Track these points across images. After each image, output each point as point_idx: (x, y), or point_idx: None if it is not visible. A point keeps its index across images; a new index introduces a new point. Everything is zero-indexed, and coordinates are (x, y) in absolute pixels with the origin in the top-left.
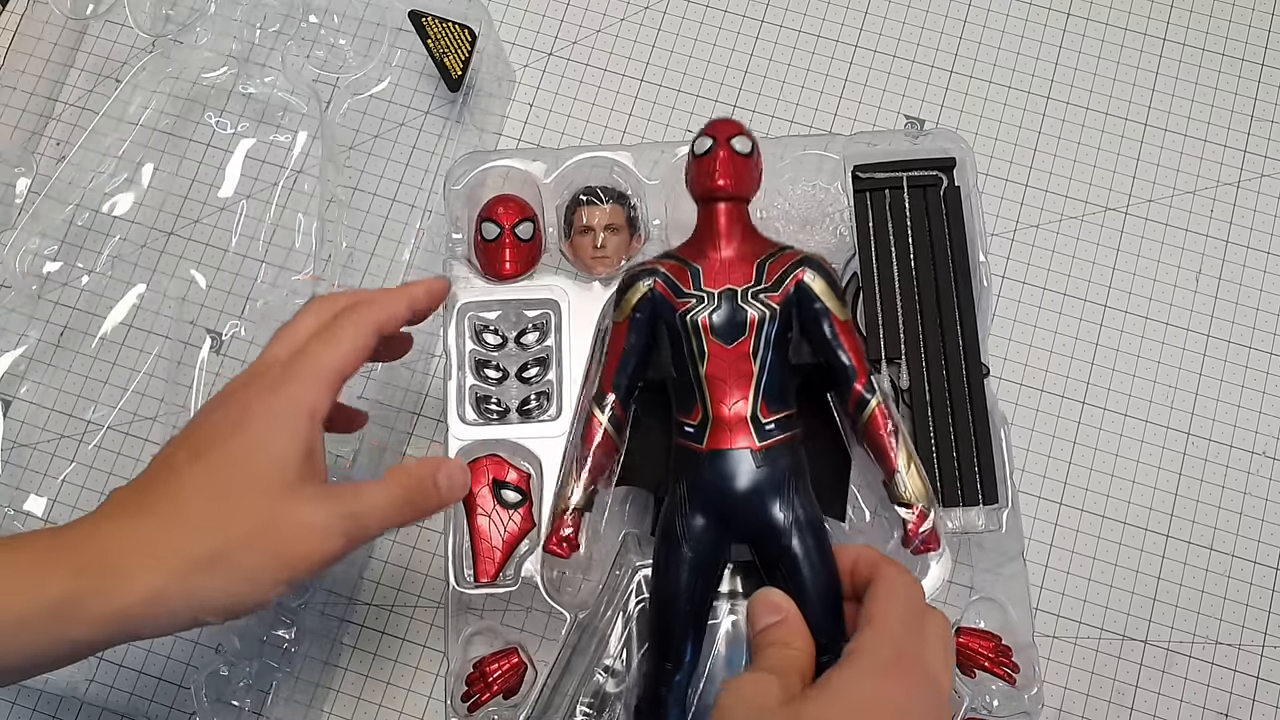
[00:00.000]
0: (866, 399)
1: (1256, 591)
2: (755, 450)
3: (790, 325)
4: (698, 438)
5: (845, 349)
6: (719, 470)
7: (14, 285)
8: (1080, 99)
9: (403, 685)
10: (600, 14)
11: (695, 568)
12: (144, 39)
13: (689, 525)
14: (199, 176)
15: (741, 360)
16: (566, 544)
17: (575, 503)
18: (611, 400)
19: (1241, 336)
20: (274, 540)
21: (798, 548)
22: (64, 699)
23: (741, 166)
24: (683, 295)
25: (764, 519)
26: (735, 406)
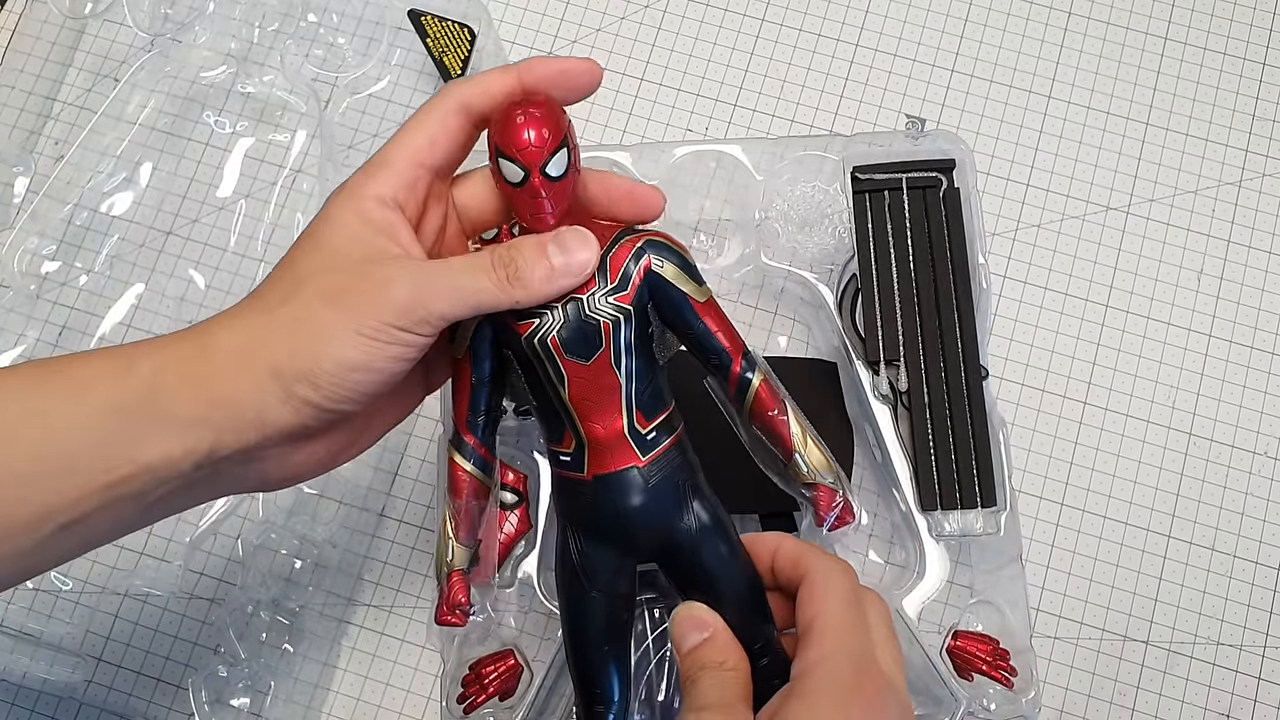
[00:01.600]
0: (748, 379)
1: (1258, 592)
2: (641, 466)
3: (649, 322)
4: (577, 466)
5: (713, 332)
6: (608, 496)
7: (12, 285)
8: (1080, 99)
9: (401, 686)
10: (600, 14)
11: (606, 605)
12: (143, 38)
13: (588, 562)
14: (198, 176)
15: (604, 374)
16: (460, 612)
17: (460, 563)
18: (471, 443)
19: (1243, 336)
20: (349, 295)
21: (708, 557)
22: (63, 699)
23: (562, 190)
24: (524, 317)
25: (666, 536)
26: (610, 425)
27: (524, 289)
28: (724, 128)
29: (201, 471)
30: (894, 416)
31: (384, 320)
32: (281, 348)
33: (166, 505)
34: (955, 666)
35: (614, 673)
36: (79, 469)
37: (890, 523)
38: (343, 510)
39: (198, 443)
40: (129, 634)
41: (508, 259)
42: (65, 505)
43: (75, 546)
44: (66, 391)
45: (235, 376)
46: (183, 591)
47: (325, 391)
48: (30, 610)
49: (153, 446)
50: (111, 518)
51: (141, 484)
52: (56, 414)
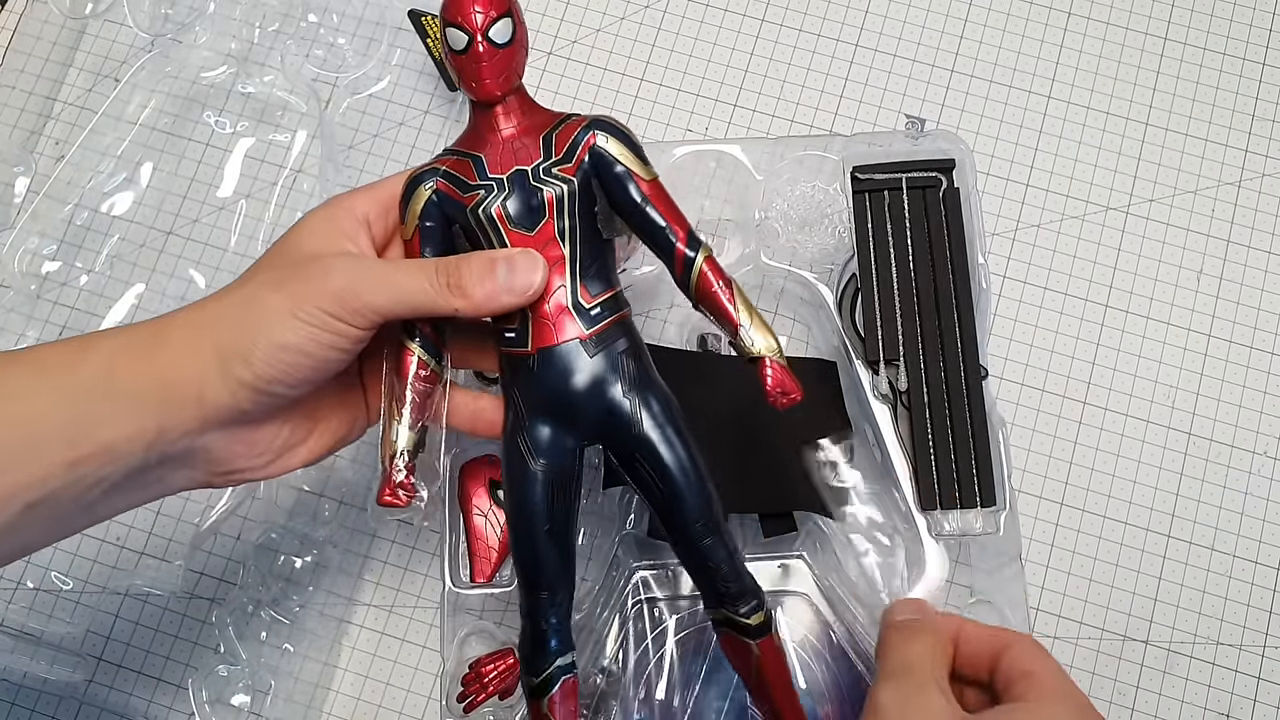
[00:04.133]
0: (692, 257)
1: (1258, 592)
2: (585, 339)
3: (593, 197)
4: (521, 341)
5: (657, 210)
6: (551, 369)
7: (13, 285)
8: (1080, 99)
9: (401, 686)
10: (600, 14)
11: (549, 482)
12: (143, 38)
13: (532, 437)
14: (198, 176)
15: (549, 246)
16: (403, 490)
17: (404, 445)
18: (421, 327)
19: (1243, 336)
20: (297, 281)
21: (651, 431)
22: (63, 699)
23: (506, 59)
24: (469, 189)
25: (609, 409)
26: (554, 297)
27: (464, 299)
28: (724, 128)
29: (153, 454)
30: (894, 416)
31: (319, 305)
32: (225, 327)
33: (125, 492)
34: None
35: (555, 557)
36: (43, 446)
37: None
38: (343, 510)
39: (145, 422)
40: (129, 634)
41: (453, 268)
42: (31, 482)
43: (42, 531)
44: (29, 372)
45: (181, 354)
46: (183, 591)
47: (257, 369)
48: (31, 610)
49: (110, 425)
50: (75, 499)
51: (100, 463)
52: (20, 393)
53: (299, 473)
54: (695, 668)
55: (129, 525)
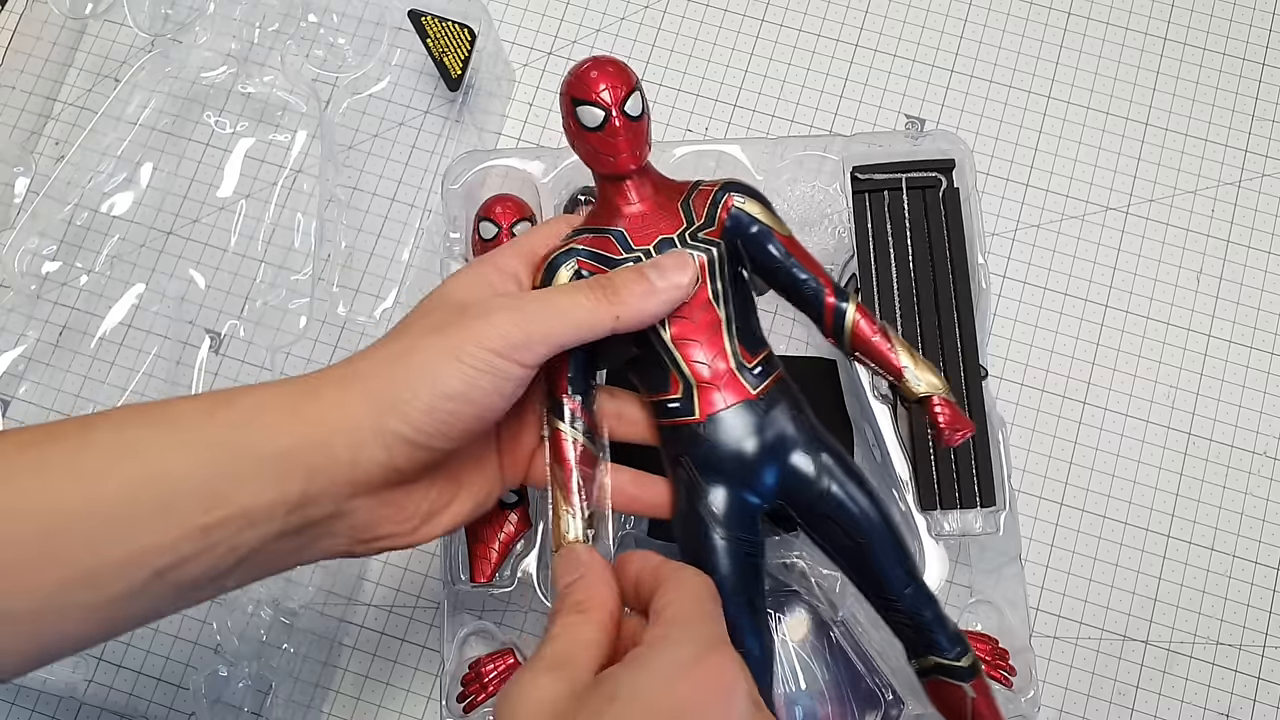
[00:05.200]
0: (843, 309)
1: (1257, 592)
2: (754, 400)
3: (740, 258)
4: (687, 410)
5: (801, 264)
6: (723, 434)
7: (13, 285)
8: (1080, 99)
9: (402, 686)
10: (600, 14)
11: (734, 550)
12: (143, 38)
13: (711, 505)
14: (198, 176)
15: (705, 311)
16: None
17: (579, 535)
18: (572, 408)
19: (1242, 336)
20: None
21: (836, 488)
22: (63, 699)
23: (640, 133)
24: (615, 264)
25: (789, 468)
26: (715, 363)
27: (623, 305)
28: (724, 128)
29: (294, 519)
30: (893, 416)
31: (484, 345)
32: (377, 380)
33: (259, 559)
34: None
35: (750, 627)
36: (175, 508)
37: None
38: None
39: (290, 485)
40: (129, 633)
41: (605, 281)
42: (161, 549)
43: (169, 598)
44: (162, 428)
45: (331, 411)
46: None
47: (417, 422)
48: None
49: (249, 488)
50: (208, 567)
51: (236, 528)
52: (154, 451)
53: None
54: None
55: None
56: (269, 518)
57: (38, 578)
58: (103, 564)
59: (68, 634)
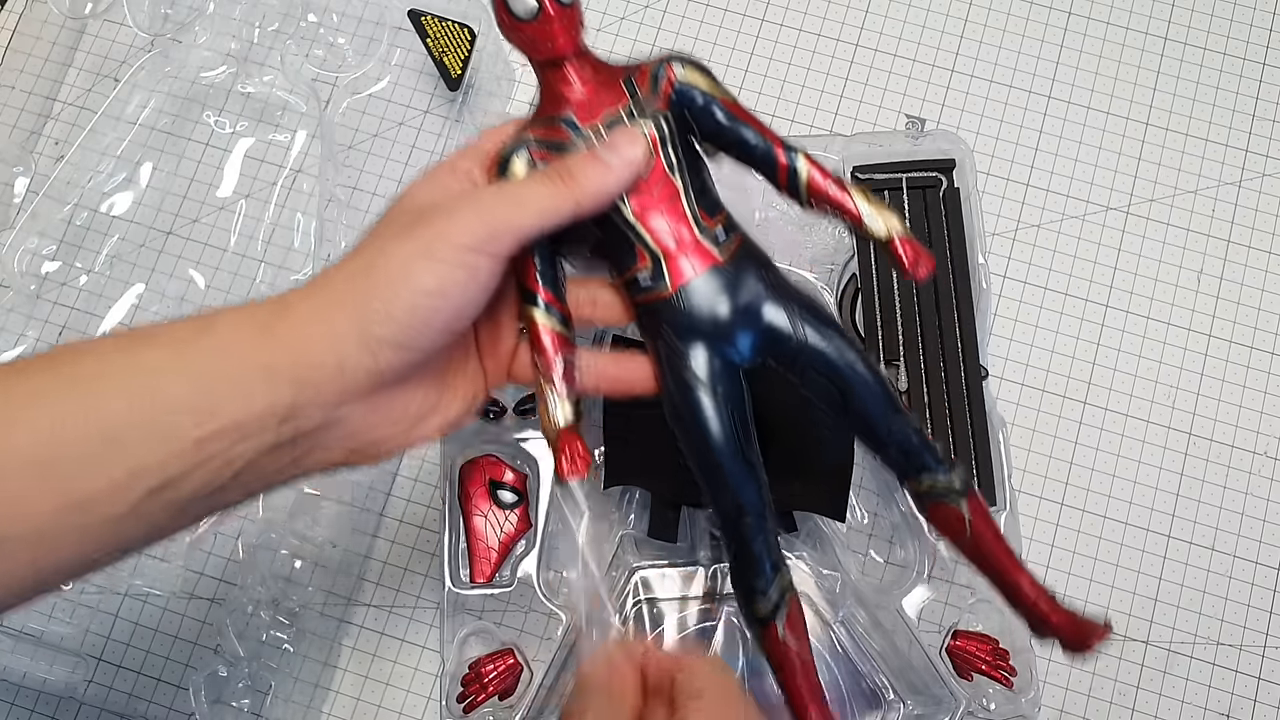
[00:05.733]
0: (796, 163)
1: (1258, 592)
2: (722, 265)
3: (688, 126)
4: (658, 283)
5: (748, 125)
6: (698, 301)
7: (12, 285)
8: (1080, 99)
9: (401, 686)
10: (600, 13)
11: (721, 409)
12: (143, 38)
13: (694, 367)
14: (198, 176)
15: (662, 183)
16: (580, 461)
17: (566, 417)
18: (544, 296)
19: (1243, 336)
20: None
21: (813, 338)
22: (63, 700)
23: (574, 17)
24: (567, 148)
25: (765, 326)
26: (679, 231)
27: (580, 188)
28: None
29: (286, 430)
30: None
31: (452, 242)
32: (354, 288)
33: (255, 474)
34: (955, 666)
35: (751, 478)
36: (167, 426)
37: (890, 523)
38: (343, 510)
39: (279, 397)
40: (129, 634)
41: (561, 168)
42: (153, 467)
43: (167, 517)
44: (151, 349)
45: (312, 325)
46: (183, 591)
47: (400, 323)
48: (30, 610)
49: (238, 400)
50: (202, 484)
51: (229, 442)
52: (143, 371)
53: None
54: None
55: None
56: (261, 429)
57: (35, 505)
58: (98, 486)
59: (65, 559)
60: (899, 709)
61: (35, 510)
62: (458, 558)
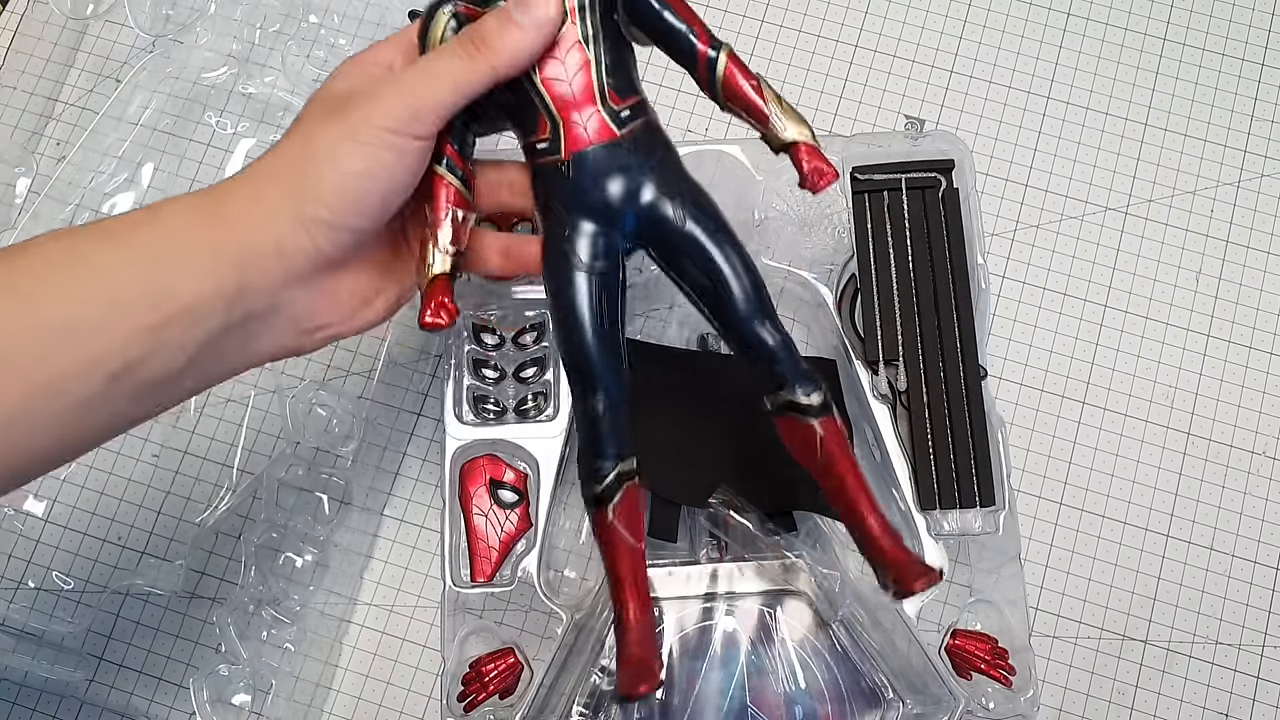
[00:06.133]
0: (714, 57)
1: (1257, 591)
2: (618, 139)
3: (614, 5)
4: (554, 148)
5: (675, 12)
6: (587, 172)
7: None
8: (1080, 99)
9: (402, 685)
10: None
11: (598, 285)
12: (144, 39)
13: (578, 241)
14: (199, 176)
15: (574, 51)
16: (444, 310)
17: (441, 267)
18: (449, 153)
19: (1242, 336)
20: None
21: (694, 228)
22: (65, 699)
23: None
24: (490, 3)
25: (649, 209)
26: (582, 102)
27: (494, 54)
28: (724, 128)
29: (235, 312)
30: (893, 416)
31: (375, 124)
32: (288, 172)
33: (210, 358)
34: (954, 665)
35: (608, 355)
36: (122, 312)
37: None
38: (343, 510)
39: (224, 279)
40: (130, 633)
41: (472, 31)
42: (113, 349)
43: (130, 401)
44: (100, 239)
45: (250, 208)
46: (184, 591)
47: (330, 201)
48: (32, 610)
49: (188, 285)
50: (161, 368)
51: (184, 326)
52: (94, 259)
53: (299, 473)
54: (695, 667)
55: (129, 525)
56: (210, 311)
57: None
58: (59, 372)
59: (38, 446)
60: (898, 708)
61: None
62: (458, 557)
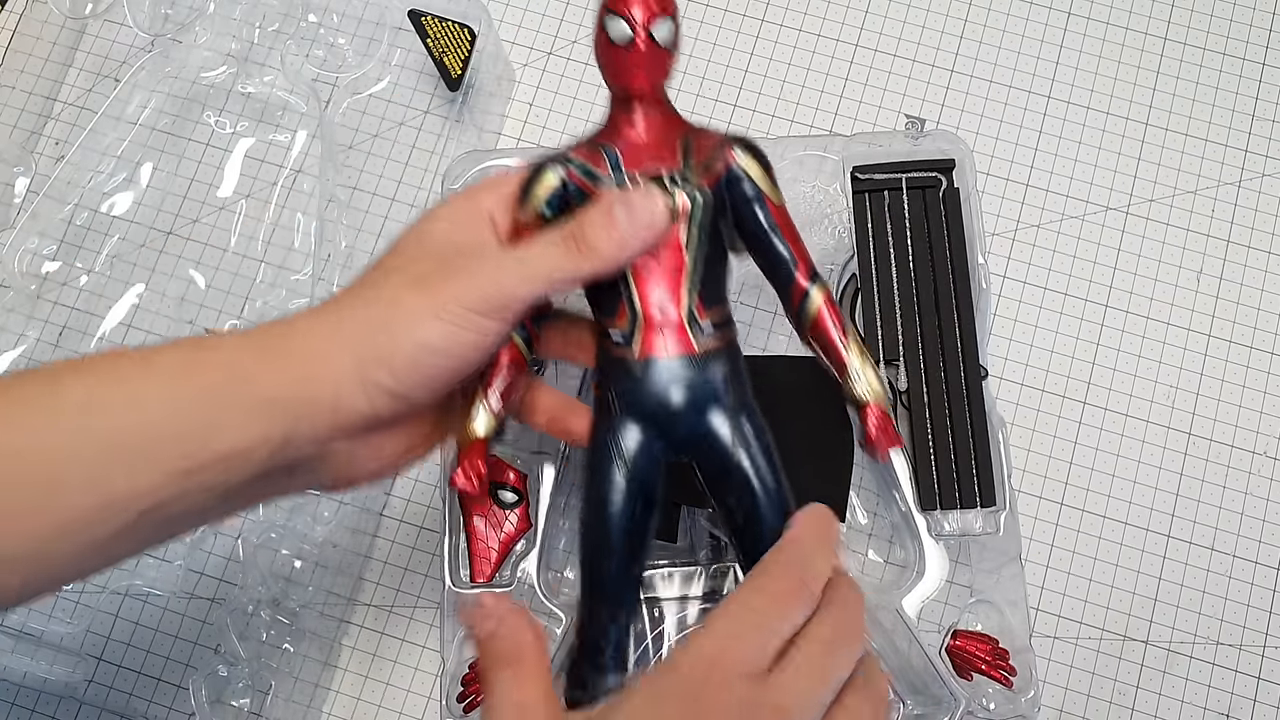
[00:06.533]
0: (809, 292)
1: (1257, 592)
2: (695, 356)
3: (724, 212)
4: (628, 345)
5: (783, 237)
6: (655, 379)
7: (13, 285)
8: (1080, 99)
9: (402, 686)
10: None
11: (632, 490)
12: (143, 38)
13: (622, 441)
14: (198, 176)
15: (672, 253)
16: (476, 477)
17: (484, 430)
18: None
19: (1242, 336)
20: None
21: (745, 461)
22: (63, 699)
23: (662, 61)
24: (600, 181)
25: (706, 430)
26: (667, 306)
27: (594, 255)
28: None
29: (276, 460)
30: (894, 416)
31: (464, 304)
32: (361, 331)
33: (242, 495)
34: (954, 666)
35: (630, 572)
36: (155, 455)
37: (890, 522)
38: (343, 510)
39: (272, 430)
40: (129, 633)
41: (575, 229)
42: (142, 493)
43: (153, 534)
44: (144, 375)
45: (313, 360)
46: (183, 591)
47: (401, 375)
48: (30, 610)
49: (229, 434)
50: (188, 507)
51: (217, 474)
52: (135, 398)
53: None
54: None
55: None
56: (252, 461)
57: (33, 524)
58: (94, 507)
59: (56, 573)
60: (899, 709)
61: (33, 529)
62: (458, 558)
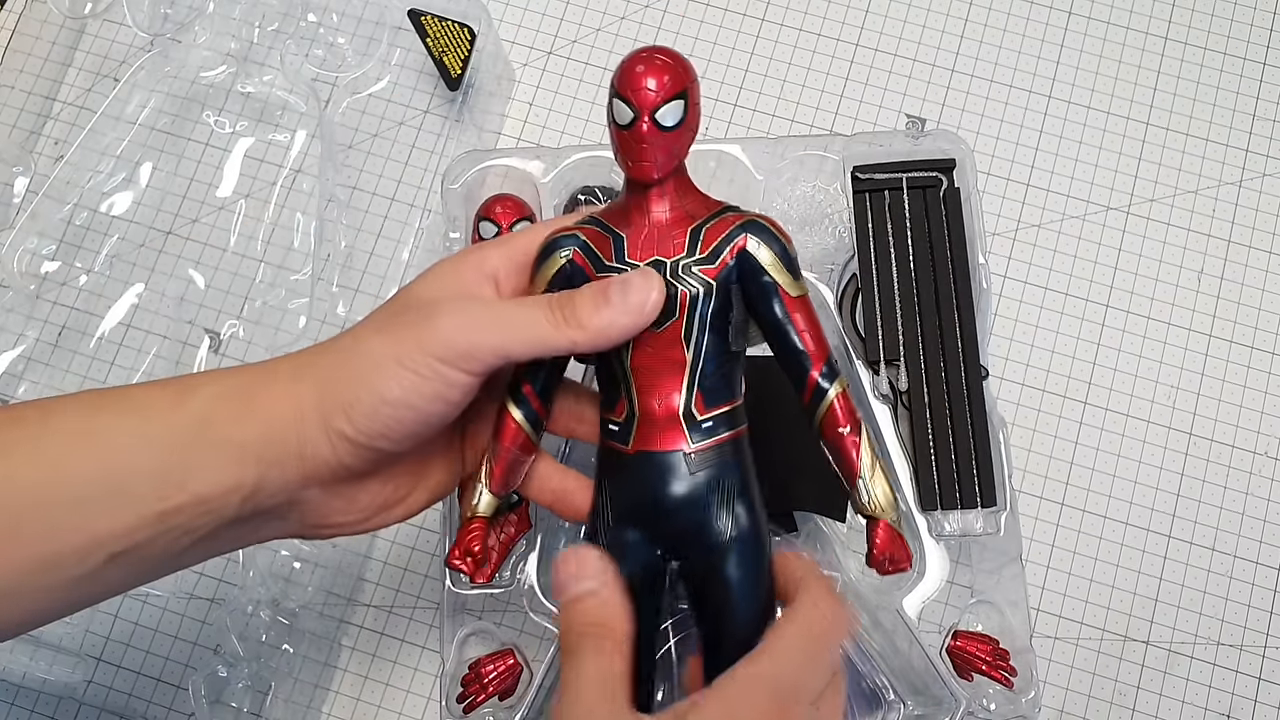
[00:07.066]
0: (824, 389)
1: (1258, 592)
2: (689, 454)
3: (730, 304)
4: (623, 438)
5: (797, 330)
6: (646, 476)
7: (12, 285)
8: (1080, 99)
9: (401, 686)
10: (600, 13)
11: (629, 587)
12: (142, 38)
13: (614, 538)
14: (197, 176)
15: (672, 347)
16: (472, 560)
17: (484, 510)
18: (526, 391)
19: (1243, 337)
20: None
21: (733, 570)
22: (62, 700)
23: (672, 143)
24: (603, 269)
25: (698, 534)
26: (665, 402)
27: (579, 329)
28: (724, 128)
29: (248, 506)
30: (894, 416)
31: (427, 352)
32: (326, 378)
33: (213, 542)
34: (955, 666)
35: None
36: (134, 495)
37: None
38: None
39: (245, 475)
40: (129, 634)
41: (566, 300)
42: (118, 534)
43: (123, 579)
44: (123, 415)
45: (282, 405)
46: (182, 591)
47: (359, 425)
48: None
49: (206, 475)
50: (162, 550)
51: (191, 515)
52: (114, 438)
53: None
54: None
55: None
56: (224, 505)
57: (9, 553)
58: (61, 548)
59: (23, 614)
60: (899, 709)
61: (11, 560)
62: None
